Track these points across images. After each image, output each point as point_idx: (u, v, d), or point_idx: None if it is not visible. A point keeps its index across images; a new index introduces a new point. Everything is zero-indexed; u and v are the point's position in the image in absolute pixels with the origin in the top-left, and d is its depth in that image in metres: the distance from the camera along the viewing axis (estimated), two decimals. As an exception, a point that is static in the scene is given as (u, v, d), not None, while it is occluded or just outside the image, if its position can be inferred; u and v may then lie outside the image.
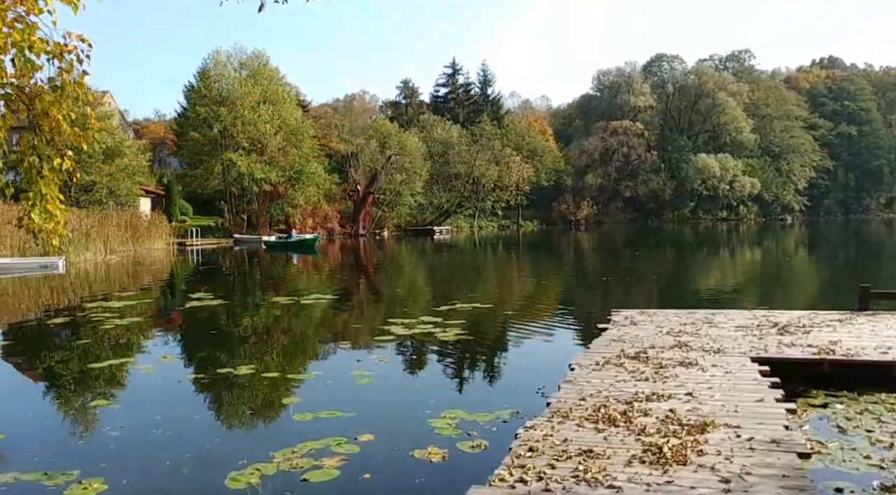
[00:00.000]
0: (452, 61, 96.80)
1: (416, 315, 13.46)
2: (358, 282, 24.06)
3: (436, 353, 9.97)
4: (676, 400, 6.15)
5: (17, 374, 9.52)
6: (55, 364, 9.98)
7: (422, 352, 10.05)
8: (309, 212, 62.94)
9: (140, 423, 6.62)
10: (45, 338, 12.73)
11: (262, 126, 54.92)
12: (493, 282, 22.15)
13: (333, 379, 8.18)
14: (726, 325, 10.19)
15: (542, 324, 12.32)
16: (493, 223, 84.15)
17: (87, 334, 12.46)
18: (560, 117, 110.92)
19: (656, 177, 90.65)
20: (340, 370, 8.86)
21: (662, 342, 8.90)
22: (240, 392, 7.84)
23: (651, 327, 10.10)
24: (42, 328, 13.90)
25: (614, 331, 9.78)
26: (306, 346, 11.02)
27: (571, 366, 7.52)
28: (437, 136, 77.99)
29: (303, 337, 11.98)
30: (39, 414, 7.26)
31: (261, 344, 11.20)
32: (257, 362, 9.28)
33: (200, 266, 33.84)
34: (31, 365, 10.07)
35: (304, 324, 13.34)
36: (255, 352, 10.33)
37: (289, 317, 14.17)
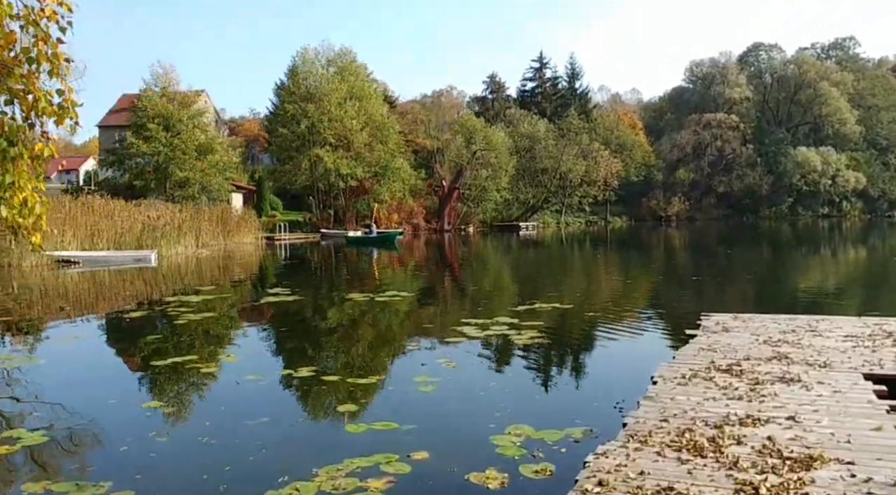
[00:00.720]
0: (540, 55, 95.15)
1: (493, 314, 12.88)
2: (437, 278, 23.69)
3: (507, 358, 9.36)
4: (776, 425, 5.32)
5: (77, 370, 9.49)
6: (119, 359, 9.96)
7: (492, 357, 9.47)
8: (394, 208, 63.25)
9: (188, 430, 6.33)
10: (118, 332, 12.85)
11: (349, 122, 55.43)
12: (576, 280, 21.29)
13: (395, 385, 7.70)
14: (832, 334, 9.13)
15: (625, 327, 11.49)
16: (581, 219, 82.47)
17: (158, 329, 12.49)
18: (651, 111, 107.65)
19: (752, 171, 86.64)
20: (404, 375, 8.38)
21: (759, 353, 7.98)
22: (296, 397, 7.48)
23: (746, 335, 9.15)
24: (118, 322, 14.09)
25: (704, 339, 8.91)
26: (372, 347, 10.60)
27: (654, 379, 6.76)
28: (524, 131, 76.92)
29: (370, 337, 11.58)
30: (89, 414, 7.08)
31: (325, 344, 10.88)
32: (319, 364, 8.93)
33: (285, 260, 34.31)
34: (94, 361, 10.07)
35: (374, 322, 12.98)
36: (318, 353, 10.01)
37: (360, 315, 13.86)
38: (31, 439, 6.10)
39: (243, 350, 10.43)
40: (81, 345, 11.38)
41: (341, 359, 9.48)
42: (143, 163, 48.64)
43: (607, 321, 12.24)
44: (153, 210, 38.07)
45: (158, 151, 46.53)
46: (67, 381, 8.74)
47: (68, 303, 17.11)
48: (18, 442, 6.02)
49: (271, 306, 14.98)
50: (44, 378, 8.84)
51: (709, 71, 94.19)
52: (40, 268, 27.26)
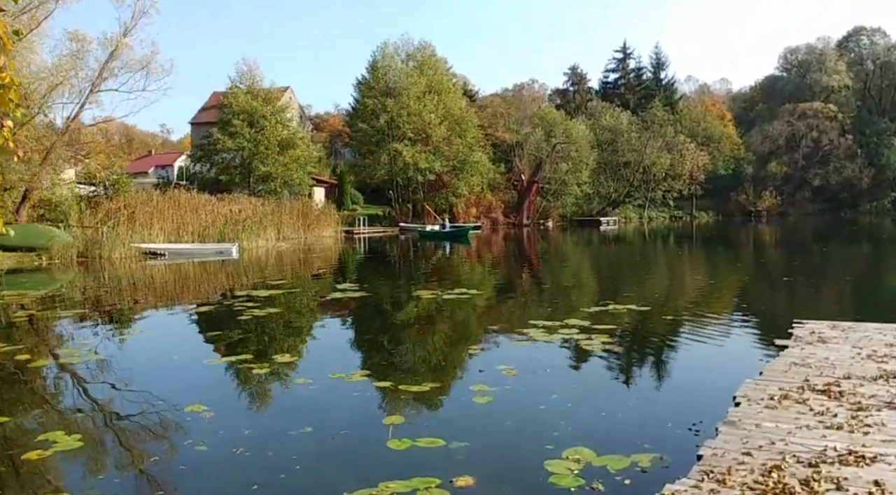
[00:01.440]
0: (623, 45, 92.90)
1: (565, 316, 12.17)
2: (511, 274, 23.03)
3: (574, 366, 8.67)
4: (884, 464, 4.49)
5: (131, 367, 9.35)
6: (173, 357, 9.79)
7: (558, 364, 8.78)
8: (472, 202, 62.86)
9: (225, 439, 5.97)
10: (180, 327, 12.80)
11: (427, 116, 55.26)
12: (655, 279, 20.21)
13: (448, 395, 7.16)
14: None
15: (706, 335, 10.57)
16: (665, 214, 79.95)
17: (220, 325, 12.39)
18: (740, 101, 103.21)
19: (851, 164, 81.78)
20: (460, 383, 7.84)
21: (862, 370, 7.03)
22: (343, 404, 7.04)
23: (846, 347, 8.16)
24: (184, 316, 14.11)
25: (796, 351, 7.98)
26: (429, 350, 10.09)
27: (737, 400, 5.97)
28: (606, 124, 75.09)
29: (429, 338, 11.06)
30: (129, 418, 6.85)
31: (381, 345, 10.42)
32: (373, 368, 8.49)
33: (359, 254, 34.35)
34: (150, 357, 9.95)
35: (436, 323, 12.47)
36: (372, 356, 9.58)
37: (424, 314, 13.40)
38: (65, 443, 5.88)
39: (298, 350, 10.11)
40: (143, 339, 11.34)
41: (396, 363, 9.01)
42: (228, 159, 49.90)
43: (687, 327, 11.34)
44: (236, 204, 38.87)
45: (242, 147, 47.58)
46: (120, 378, 8.60)
47: (146, 293, 17.40)
48: (53, 446, 5.81)
49: (336, 303, 14.71)
50: (93, 374, 8.74)
51: (805, 58, 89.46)
52: (128, 260, 28.16)
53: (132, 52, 32.75)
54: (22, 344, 10.44)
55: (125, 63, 32.77)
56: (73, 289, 19.10)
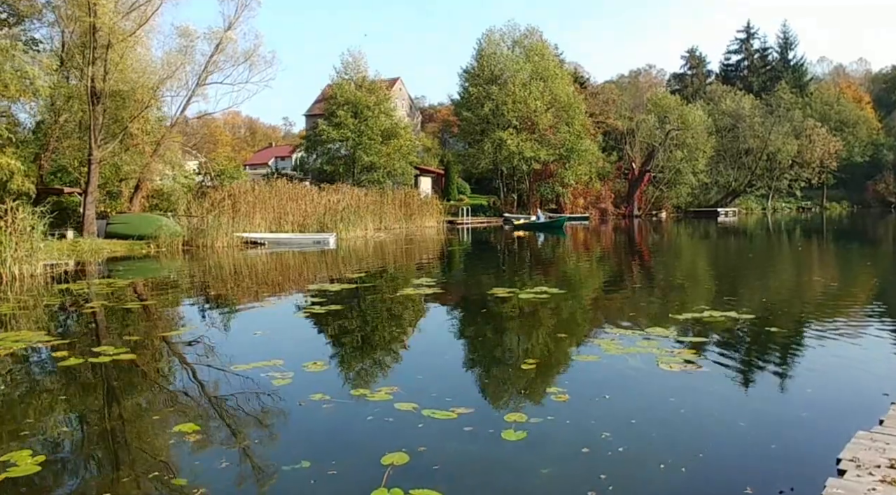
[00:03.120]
0: (747, 24, 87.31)
1: (647, 324, 10.67)
2: (602, 271, 21.37)
3: (638, 393, 7.21)
4: None
5: (157, 369, 8.72)
6: (197, 362, 9.07)
7: (621, 389, 7.35)
8: (580, 192, 60.90)
9: (203, 474, 5.07)
10: (231, 324, 12.20)
11: (532, 103, 53.72)
12: (768, 281, 18.02)
13: (475, 427, 5.95)
14: None
15: (813, 362, 8.75)
16: (791, 204, 74.66)
17: (268, 324, 11.76)
18: (881, 82, 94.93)
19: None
20: (494, 410, 6.60)
21: None
22: (354, 431, 5.99)
23: None
24: (245, 311, 13.59)
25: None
26: (476, 364, 8.83)
27: (841, 464, 4.46)
28: (726, 108, 70.81)
29: (480, 349, 9.76)
30: (124, 437, 6.10)
31: (421, 357, 9.28)
32: (403, 384, 7.40)
33: (457, 245, 33.42)
34: (178, 360, 9.30)
35: (497, 330, 11.21)
36: (407, 370, 8.46)
37: (488, 317, 12.18)
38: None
39: (330, 356, 9.16)
40: (182, 336, 10.80)
41: (431, 380, 7.87)
42: (333, 149, 50.42)
43: (790, 347, 9.53)
44: (335, 194, 38.98)
45: (347, 137, 47.85)
46: (139, 382, 7.97)
47: (246, 279, 17.19)
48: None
49: (400, 302, 13.73)
50: (100, 376, 8.15)
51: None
52: (231, 249, 28.64)
53: (236, 46, 33.24)
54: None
55: (229, 56, 33.32)
56: (180, 275, 19.43)
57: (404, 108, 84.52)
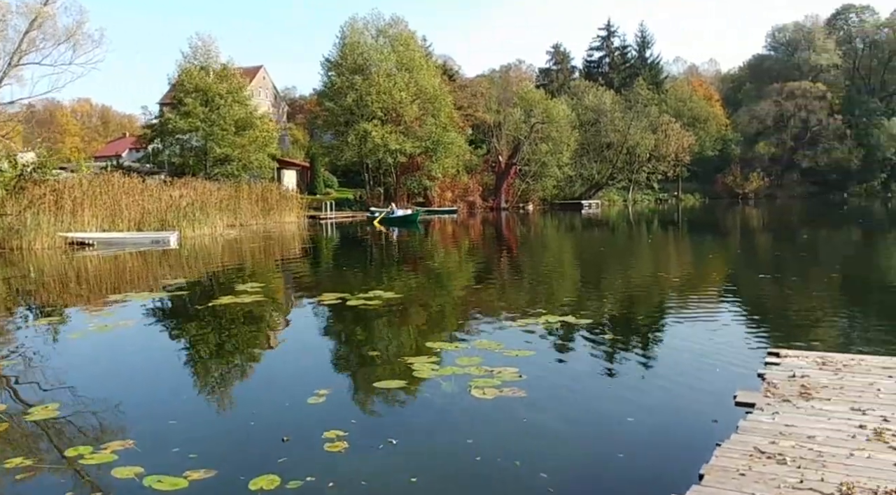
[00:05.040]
0: (607, 22, 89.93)
1: (477, 333, 9.63)
2: (448, 269, 20.44)
3: (433, 435, 6.06)
4: None
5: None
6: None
7: (412, 432, 6.17)
8: (448, 185, 60.36)
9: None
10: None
11: (398, 94, 52.47)
12: (615, 277, 17.63)
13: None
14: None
15: (644, 370, 7.98)
16: (650, 196, 77.64)
17: (21, 350, 9.81)
18: (729, 81, 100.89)
19: (840, 144, 79.60)
20: (241, 473, 5.21)
21: (866, 465, 4.50)
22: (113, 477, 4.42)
23: (839, 410, 5.65)
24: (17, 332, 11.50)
25: (764, 421, 5.43)
26: (245, 405, 7.36)
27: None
28: (589, 103, 72.48)
29: (259, 383, 8.32)
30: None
31: (177, 394, 7.68)
32: (141, 437, 5.85)
33: (312, 243, 31.67)
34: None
35: (293, 351, 9.78)
36: (156, 413, 6.84)
37: (295, 333, 10.83)
38: None
39: (65, 399, 7.30)
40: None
41: (179, 427, 6.33)
42: (184, 140, 47.03)
43: (624, 358, 8.73)
44: (179, 189, 36.09)
45: (196, 127, 44.66)
46: None
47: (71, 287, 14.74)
48: None
49: (203, 316, 12.01)
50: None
51: (793, 36, 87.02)
52: (53, 251, 25.63)
53: (55, 22, 29.79)
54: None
55: (48, 34, 29.87)
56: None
57: (268, 98, 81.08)
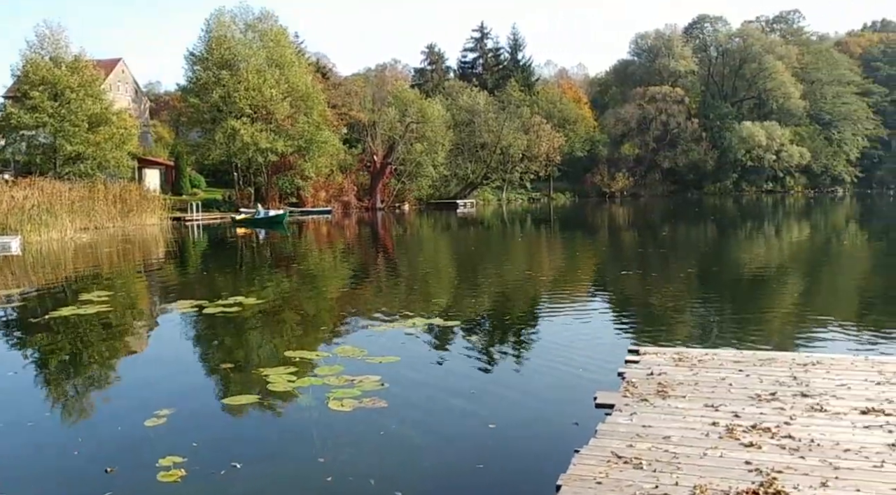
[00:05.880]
0: (481, 24, 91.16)
1: (341, 339, 9.17)
2: (321, 271, 19.85)
3: (280, 455, 5.62)
4: None
5: None
6: None
7: (260, 455, 5.68)
8: (322, 185, 59.16)
9: None
10: None
11: (268, 91, 50.74)
12: (486, 276, 17.65)
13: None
14: (846, 398, 5.76)
15: (509, 379, 7.85)
16: (523, 195, 79.45)
17: None
18: (596, 85, 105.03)
19: (697, 146, 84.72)
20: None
21: (717, 467, 4.47)
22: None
23: (694, 408, 5.66)
24: None
25: (622, 422, 5.34)
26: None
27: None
28: (463, 104, 73.19)
29: (91, 404, 7.63)
30: None
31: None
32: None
33: (175, 246, 29.96)
34: None
35: (135, 363, 9.06)
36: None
37: (148, 341, 9.95)
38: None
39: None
40: None
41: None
42: (30, 137, 43.39)
43: (489, 359, 8.58)
44: (23, 189, 33.24)
45: (44, 123, 41.28)
46: None
47: None
48: None
49: (55, 324, 10.92)
50: None
51: (654, 43, 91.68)
52: None
53: None
54: None
55: None
56: None
57: (128, 93, 76.45)
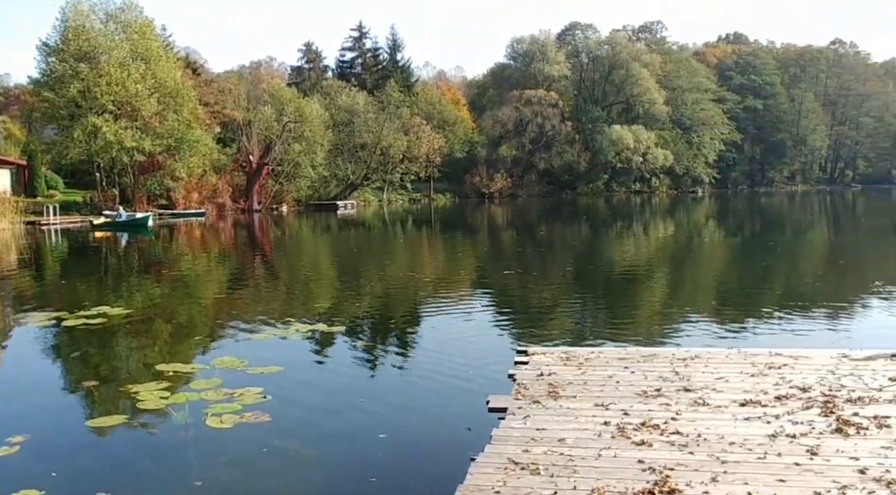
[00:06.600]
0: (359, 24, 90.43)
1: (218, 348, 8.64)
2: (192, 276, 18.89)
3: (154, 483, 5.16)
4: None
5: None
6: None
7: (127, 482, 5.21)
8: (194, 186, 56.63)
9: None
10: None
11: (133, 86, 47.94)
12: (369, 279, 17.37)
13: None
14: (725, 391, 5.91)
15: (396, 383, 7.65)
16: (404, 196, 79.43)
17: None
18: (474, 87, 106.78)
19: (571, 148, 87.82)
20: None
21: (611, 467, 4.46)
22: None
23: (585, 407, 5.66)
24: None
25: (515, 427, 5.27)
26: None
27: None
28: (342, 104, 72.26)
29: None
30: None
31: None
32: None
33: (28, 252, 27.66)
34: None
35: (4, 383, 8.20)
36: None
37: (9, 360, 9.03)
38: None
39: None
40: None
41: None
42: None
43: (375, 366, 8.34)
44: None
45: None
46: None
47: None
48: None
49: None
50: None
51: (529, 48, 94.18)
52: None
53: None
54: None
55: None
56: None
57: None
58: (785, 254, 22.88)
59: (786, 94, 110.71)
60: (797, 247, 25.87)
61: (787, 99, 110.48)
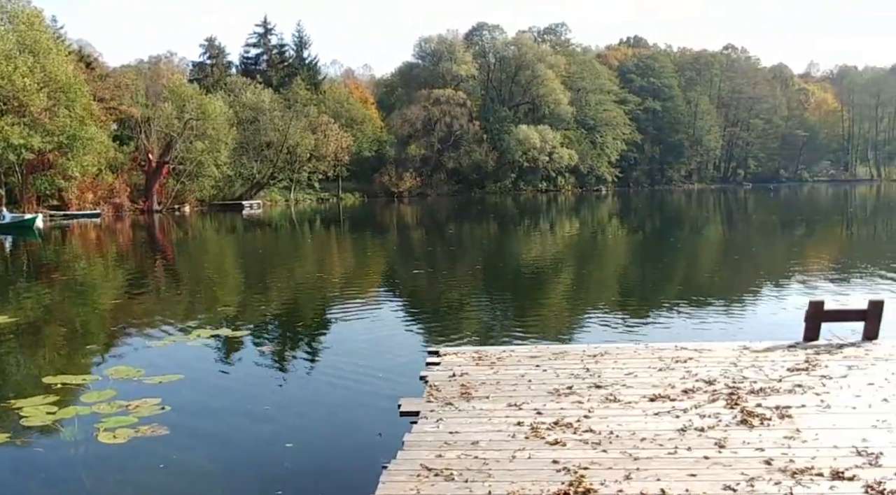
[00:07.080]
0: (264, 19, 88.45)
1: (113, 357, 8.12)
2: (89, 280, 17.89)
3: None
4: None
5: None
6: None
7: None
8: (89, 185, 53.85)
9: None
10: None
11: (20, 80, 45.09)
12: (277, 281, 16.88)
13: None
14: (634, 386, 5.95)
15: (306, 392, 7.38)
16: (312, 195, 78.15)
17: None
18: (383, 86, 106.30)
19: (479, 147, 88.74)
20: None
21: (532, 471, 4.39)
22: None
23: (498, 408, 5.58)
24: None
25: (429, 431, 5.13)
26: None
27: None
28: (247, 101, 70.39)
29: None
30: None
31: None
32: None
33: None
34: None
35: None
36: None
37: None
38: None
39: None
40: None
41: None
42: None
43: (284, 371, 8.04)
44: None
45: None
46: None
47: None
48: None
49: None
50: None
51: (437, 47, 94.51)
52: None
53: None
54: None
55: None
56: None
57: None
58: (684, 249, 23.80)
59: (683, 96, 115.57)
60: (695, 242, 26.94)
61: (683, 101, 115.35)
